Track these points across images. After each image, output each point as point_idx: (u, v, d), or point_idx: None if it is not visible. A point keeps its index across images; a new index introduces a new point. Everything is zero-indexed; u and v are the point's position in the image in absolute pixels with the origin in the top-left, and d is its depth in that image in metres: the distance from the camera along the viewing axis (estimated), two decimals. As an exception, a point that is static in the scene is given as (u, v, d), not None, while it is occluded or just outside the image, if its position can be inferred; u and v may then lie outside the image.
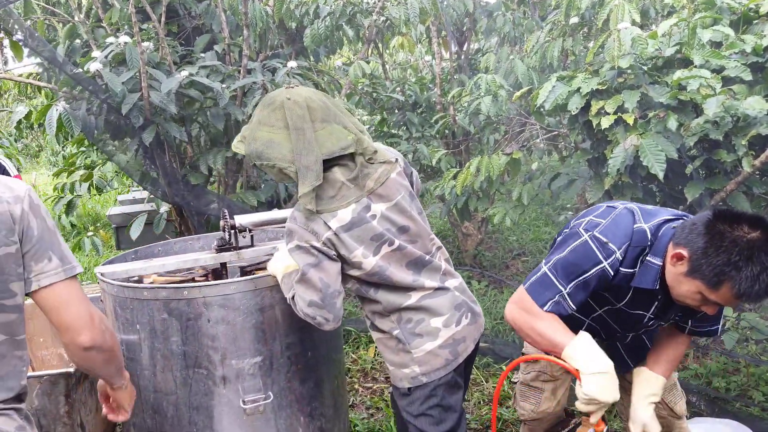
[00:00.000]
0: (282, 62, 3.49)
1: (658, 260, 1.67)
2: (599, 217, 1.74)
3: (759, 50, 3.02)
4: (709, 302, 1.60)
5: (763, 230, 1.50)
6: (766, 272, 1.47)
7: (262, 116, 1.76)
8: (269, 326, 2.02)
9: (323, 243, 1.73)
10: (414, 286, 1.85)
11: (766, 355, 3.48)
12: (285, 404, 2.09)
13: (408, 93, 5.88)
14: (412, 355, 1.84)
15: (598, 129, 3.21)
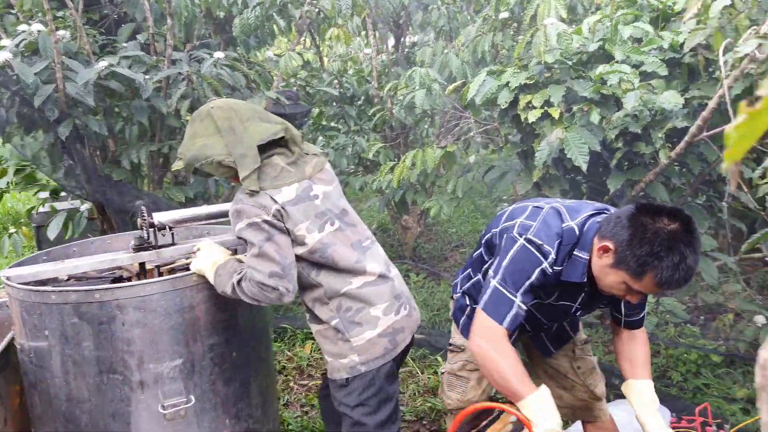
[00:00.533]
0: (209, 53, 3.39)
1: (584, 254, 1.73)
2: (529, 219, 1.79)
3: (676, 46, 3.14)
4: (633, 291, 1.66)
5: (681, 222, 1.57)
6: (684, 261, 1.54)
7: (192, 131, 1.85)
8: (190, 327, 1.96)
9: (273, 215, 1.76)
10: (357, 269, 1.88)
11: (683, 338, 3.64)
12: (209, 407, 2.04)
13: (346, 85, 5.84)
14: (352, 344, 1.86)
15: (526, 123, 3.27)
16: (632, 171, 3.22)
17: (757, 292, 4.15)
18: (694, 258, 1.55)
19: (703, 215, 3.29)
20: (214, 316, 2.01)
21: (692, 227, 1.57)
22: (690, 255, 1.54)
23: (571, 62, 3.33)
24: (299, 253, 1.83)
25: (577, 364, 2.20)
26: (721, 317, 3.69)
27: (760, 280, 4.31)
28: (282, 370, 3.63)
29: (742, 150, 0.32)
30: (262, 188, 1.78)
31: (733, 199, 3.28)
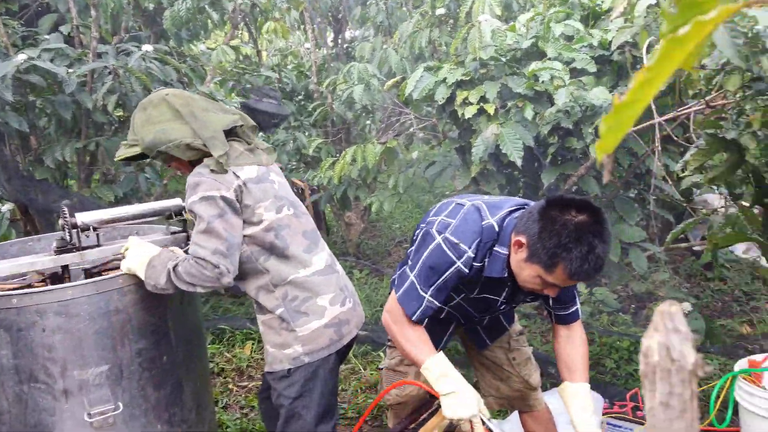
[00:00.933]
0: (138, 46, 3.27)
1: (504, 250, 1.75)
2: (449, 217, 1.80)
3: (605, 44, 3.23)
4: (548, 284, 1.68)
5: (589, 213, 1.59)
6: (593, 251, 1.56)
7: (144, 117, 1.83)
8: (117, 332, 1.88)
9: (234, 191, 1.76)
10: (305, 258, 1.88)
11: (616, 326, 3.76)
12: (139, 413, 1.96)
13: (285, 80, 5.76)
14: (296, 334, 1.84)
15: (464, 118, 3.30)
16: (565, 165, 3.30)
17: (684, 280, 4.34)
18: (603, 248, 1.57)
19: (633, 207, 3.41)
20: (142, 319, 1.93)
21: (600, 218, 1.60)
22: (599, 245, 1.56)
23: (506, 59, 3.38)
24: (253, 233, 1.82)
25: (512, 356, 2.23)
26: (650, 305, 3.83)
27: (688, 268, 4.51)
28: (221, 372, 3.55)
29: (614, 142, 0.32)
30: (225, 165, 1.79)
31: (660, 191, 3.41)
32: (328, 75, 5.69)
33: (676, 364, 0.37)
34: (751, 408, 2.32)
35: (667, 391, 0.37)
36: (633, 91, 0.30)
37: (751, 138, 1.75)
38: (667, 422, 0.38)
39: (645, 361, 0.37)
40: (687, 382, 0.37)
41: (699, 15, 0.26)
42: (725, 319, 3.82)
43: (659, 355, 0.38)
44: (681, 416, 0.37)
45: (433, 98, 3.43)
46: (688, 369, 0.37)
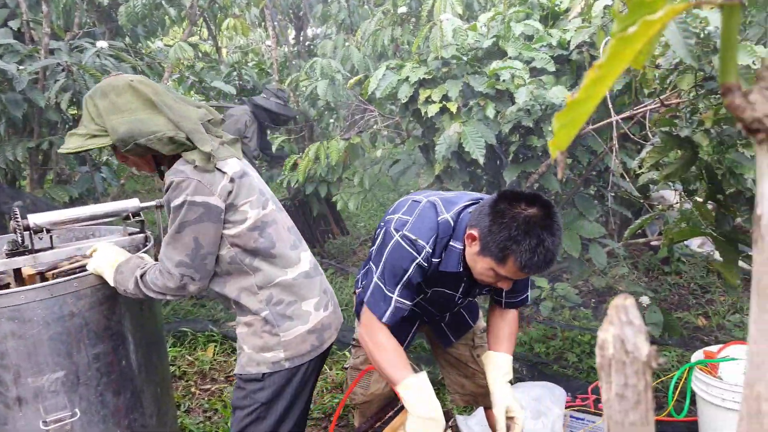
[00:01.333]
0: (92, 42, 3.19)
1: (459, 244, 1.77)
2: (406, 215, 1.81)
3: (563, 44, 3.28)
4: (501, 277, 1.70)
5: (539, 206, 1.61)
6: (542, 244, 1.58)
7: (108, 104, 1.64)
8: (73, 337, 1.83)
9: (218, 195, 1.64)
10: (292, 257, 1.81)
11: (577, 320, 3.83)
12: (97, 420, 1.91)
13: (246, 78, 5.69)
14: (280, 339, 1.77)
15: (427, 117, 3.31)
16: (526, 163, 3.35)
17: (643, 274, 4.45)
18: (552, 240, 1.60)
19: (592, 204, 3.48)
20: (99, 324, 1.88)
21: (550, 212, 1.62)
22: (548, 238, 1.58)
23: (467, 58, 3.41)
24: (237, 232, 1.70)
25: (476, 352, 2.25)
26: (610, 299, 3.91)
27: (645, 262, 4.62)
28: (182, 375, 3.49)
29: (567, 139, 0.32)
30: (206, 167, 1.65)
31: (618, 188, 3.48)
32: (289, 73, 5.64)
33: (631, 356, 0.38)
34: (708, 398, 2.38)
35: (622, 382, 0.38)
36: (585, 89, 0.30)
37: (703, 136, 1.80)
38: (622, 413, 0.38)
39: (601, 353, 0.37)
40: (641, 373, 0.38)
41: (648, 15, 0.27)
42: (682, 312, 3.93)
43: (614, 348, 0.38)
44: (636, 407, 0.38)
45: (396, 96, 3.44)
46: (642, 360, 0.38)
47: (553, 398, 2.68)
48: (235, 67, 5.47)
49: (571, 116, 0.31)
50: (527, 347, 3.63)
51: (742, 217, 1.90)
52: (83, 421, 1.87)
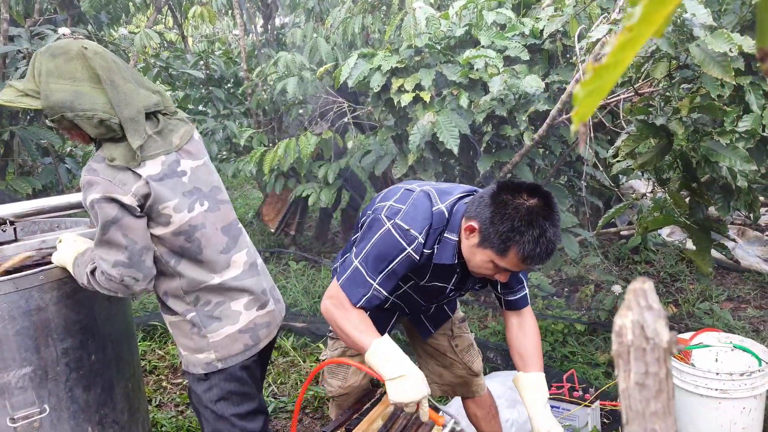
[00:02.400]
0: (54, 29, 3.07)
1: (454, 236, 1.73)
2: (399, 203, 1.76)
3: (536, 33, 3.28)
4: (500, 269, 1.68)
5: (540, 197, 1.60)
6: (545, 235, 1.57)
7: (53, 67, 1.52)
8: (39, 331, 1.76)
9: (132, 195, 1.54)
10: (221, 261, 1.72)
11: (551, 310, 3.87)
12: (67, 416, 1.86)
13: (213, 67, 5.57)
14: (209, 340, 1.72)
15: (399, 106, 3.28)
16: (499, 153, 3.35)
17: (614, 264, 4.51)
18: (554, 231, 1.59)
19: (564, 194, 3.50)
20: (67, 318, 1.82)
21: (551, 202, 1.61)
22: (550, 228, 1.58)
23: (440, 46, 3.38)
24: (161, 234, 1.62)
25: (455, 342, 2.24)
26: (583, 288, 3.96)
27: (617, 252, 4.68)
28: (153, 369, 3.42)
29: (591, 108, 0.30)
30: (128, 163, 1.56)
31: (591, 178, 3.51)
32: (258, 62, 5.55)
33: (651, 342, 0.36)
34: (681, 384, 2.43)
35: (642, 370, 0.36)
36: (614, 53, 0.28)
37: (679, 124, 1.81)
38: (643, 403, 0.36)
39: (618, 340, 0.35)
40: (662, 360, 0.36)
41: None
42: (651, 300, 3.99)
43: (633, 334, 0.36)
44: (657, 396, 0.36)
45: (368, 86, 3.40)
46: (663, 347, 0.36)
47: (529, 386, 2.69)
48: (201, 56, 5.36)
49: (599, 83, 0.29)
50: (501, 336, 3.65)
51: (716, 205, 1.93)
52: (53, 417, 1.81)
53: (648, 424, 0.36)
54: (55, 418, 1.83)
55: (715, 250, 2.09)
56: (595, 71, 0.28)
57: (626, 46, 0.27)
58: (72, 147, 3.76)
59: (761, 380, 2.34)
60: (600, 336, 3.57)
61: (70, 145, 3.94)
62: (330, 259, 5.09)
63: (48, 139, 3.11)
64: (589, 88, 0.29)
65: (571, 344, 3.51)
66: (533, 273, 3.73)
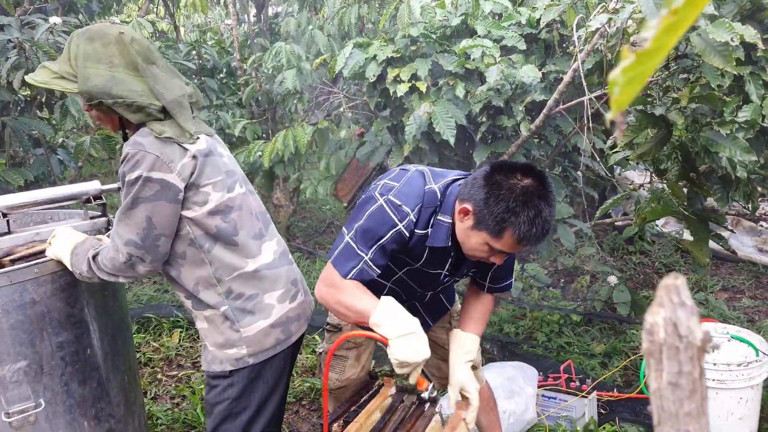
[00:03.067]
0: (45, 18, 3.02)
1: (447, 218, 1.71)
2: (393, 180, 1.73)
3: (532, 22, 3.26)
4: (495, 252, 1.66)
5: (534, 177, 1.58)
6: (540, 215, 1.55)
7: (90, 51, 1.52)
8: (34, 325, 1.74)
9: (177, 174, 1.53)
10: (254, 247, 1.70)
11: (546, 300, 3.87)
12: (62, 410, 1.84)
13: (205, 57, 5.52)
14: (241, 334, 1.68)
15: (395, 96, 3.26)
16: (496, 144, 3.33)
17: (609, 254, 4.52)
18: (549, 211, 1.57)
19: (560, 185, 3.49)
20: (62, 311, 1.80)
21: (545, 182, 1.59)
22: (545, 208, 1.56)
23: (436, 36, 3.36)
24: (195, 216, 1.59)
25: None
26: (578, 279, 3.96)
27: (611, 242, 4.69)
28: (148, 362, 3.40)
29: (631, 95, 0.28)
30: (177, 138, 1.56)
31: (587, 168, 3.51)
32: (251, 52, 5.50)
33: (684, 341, 0.34)
34: (676, 373, 2.44)
35: (675, 370, 0.34)
36: (657, 38, 0.26)
37: (678, 114, 1.80)
38: (676, 403, 0.35)
39: (650, 339, 0.34)
40: (696, 359, 0.34)
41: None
42: (648, 291, 4.01)
43: (665, 332, 0.35)
44: (691, 396, 0.35)
45: (364, 76, 3.37)
46: (697, 345, 0.34)
47: (526, 378, 2.70)
48: (194, 46, 5.29)
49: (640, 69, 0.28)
50: (497, 327, 3.65)
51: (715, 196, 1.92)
52: (48, 411, 1.80)
53: (681, 425, 0.35)
54: (51, 412, 1.81)
55: (712, 240, 2.09)
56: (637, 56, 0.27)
57: (671, 29, 0.26)
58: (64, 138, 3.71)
59: (758, 370, 2.35)
60: (596, 326, 3.57)
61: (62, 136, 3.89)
62: (326, 250, 5.08)
63: (40, 130, 3.07)
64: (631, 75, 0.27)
65: (567, 335, 3.52)
66: (529, 264, 3.73)
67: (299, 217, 6.14)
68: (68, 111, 3.01)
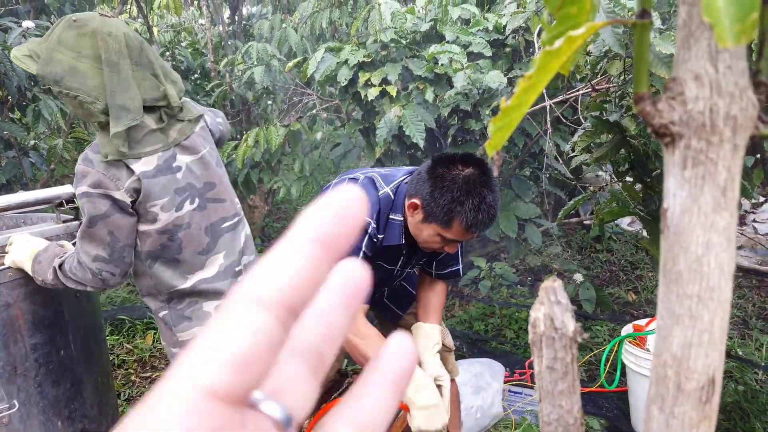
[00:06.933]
0: (17, 21, 3.03)
1: (399, 216, 1.79)
2: None
3: (499, 28, 3.35)
4: (448, 241, 1.73)
5: (474, 166, 1.65)
6: (484, 201, 1.63)
7: (66, 37, 1.50)
8: (8, 328, 1.78)
9: (125, 191, 1.54)
10: (196, 263, 1.72)
11: (515, 298, 3.97)
12: (36, 411, 1.87)
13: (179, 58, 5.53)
14: (177, 339, 1.76)
15: (367, 100, 3.33)
16: (464, 146, 3.42)
17: (576, 253, 4.64)
18: (493, 197, 1.64)
19: (527, 185, 3.59)
20: (36, 314, 1.84)
21: (486, 169, 1.66)
22: (488, 195, 1.63)
23: (406, 41, 3.43)
24: (146, 230, 1.62)
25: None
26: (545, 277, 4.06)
27: (579, 241, 4.81)
28: (122, 364, 3.42)
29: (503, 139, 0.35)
30: (121, 156, 1.53)
31: (553, 169, 3.61)
32: (225, 53, 5.53)
33: (559, 332, 0.41)
34: (637, 369, 2.53)
35: (552, 356, 0.41)
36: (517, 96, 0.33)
37: (631, 120, 1.90)
38: (552, 383, 0.42)
39: (533, 331, 0.41)
40: (568, 347, 0.41)
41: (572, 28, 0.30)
42: (613, 288, 4.13)
43: (545, 325, 0.42)
44: (564, 378, 0.42)
45: (336, 79, 3.43)
46: (569, 336, 0.41)
47: (492, 373, 2.79)
48: (168, 47, 5.30)
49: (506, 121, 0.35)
50: (467, 325, 3.74)
51: (665, 197, 2.01)
52: (22, 412, 1.83)
53: (556, 401, 0.42)
54: (25, 413, 1.84)
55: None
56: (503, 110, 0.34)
57: (528, 89, 0.33)
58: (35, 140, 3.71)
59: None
60: (562, 323, 3.67)
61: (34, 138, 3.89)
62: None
63: (11, 132, 3.07)
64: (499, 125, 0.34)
65: (535, 332, 3.61)
66: (498, 263, 3.83)
67: (274, 218, 6.17)
68: (41, 114, 3.02)
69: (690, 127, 0.30)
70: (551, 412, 0.42)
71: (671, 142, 0.32)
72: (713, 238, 0.31)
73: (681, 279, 0.33)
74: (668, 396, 0.35)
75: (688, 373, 0.34)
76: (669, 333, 0.34)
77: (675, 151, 0.32)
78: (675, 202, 0.32)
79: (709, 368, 0.34)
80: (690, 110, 0.30)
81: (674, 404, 0.35)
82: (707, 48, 0.29)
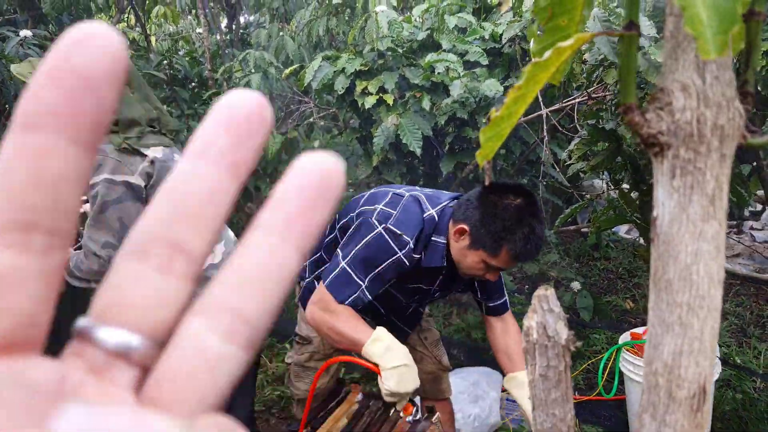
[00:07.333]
0: (15, 30, 3.04)
1: (442, 239, 1.77)
2: (389, 207, 1.78)
3: (496, 37, 3.37)
4: (491, 268, 1.72)
5: (524, 197, 1.67)
6: (533, 232, 1.64)
7: None
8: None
9: (139, 174, 1.64)
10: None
11: (513, 306, 3.95)
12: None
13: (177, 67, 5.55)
14: None
15: (364, 108, 3.34)
16: (462, 154, 3.43)
17: (574, 260, 4.65)
18: (540, 228, 1.66)
19: (524, 193, 3.59)
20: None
21: (534, 200, 1.68)
22: (537, 225, 1.64)
23: (403, 50, 3.45)
24: None
25: (423, 335, 2.27)
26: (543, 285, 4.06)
27: (577, 249, 4.82)
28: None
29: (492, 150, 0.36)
30: (132, 144, 1.65)
31: (550, 178, 3.62)
32: (222, 62, 5.55)
33: (552, 341, 0.41)
34: (635, 377, 2.52)
35: (545, 364, 0.41)
36: (507, 106, 0.34)
37: (627, 128, 1.91)
38: (545, 392, 0.42)
39: (526, 339, 0.41)
40: (561, 355, 0.42)
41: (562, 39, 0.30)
42: (611, 296, 4.13)
43: (537, 334, 0.42)
44: (557, 386, 0.42)
45: (333, 88, 3.45)
46: (562, 344, 0.42)
47: (490, 382, 2.78)
48: (165, 56, 5.31)
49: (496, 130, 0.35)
50: (465, 334, 3.73)
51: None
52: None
53: (549, 409, 0.42)
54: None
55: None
56: (493, 120, 0.34)
57: (518, 100, 0.33)
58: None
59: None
60: (560, 331, 3.67)
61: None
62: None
63: None
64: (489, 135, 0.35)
65: (532, 340, 3.61)
66: (495, 271, 3.83)
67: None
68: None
69: (678, 137, 0.30)
70: (545, 420, 0.42)
71: (660, 152, 0.32)
72: (702, 246, 0.31)
73: (671, 287, 0.33)
74: (660, 404, 0.35)
75: (679, 381, 0.34)
76: (660, 341, 0.34)
77: (663, 161, 0.32)
78: (664, 211, 0.32)
79: (700, 376, 0.34)
80: (678, 120, 0.30)
81: (666, 412, 0.35)
82: (694, 59, 0.30)
